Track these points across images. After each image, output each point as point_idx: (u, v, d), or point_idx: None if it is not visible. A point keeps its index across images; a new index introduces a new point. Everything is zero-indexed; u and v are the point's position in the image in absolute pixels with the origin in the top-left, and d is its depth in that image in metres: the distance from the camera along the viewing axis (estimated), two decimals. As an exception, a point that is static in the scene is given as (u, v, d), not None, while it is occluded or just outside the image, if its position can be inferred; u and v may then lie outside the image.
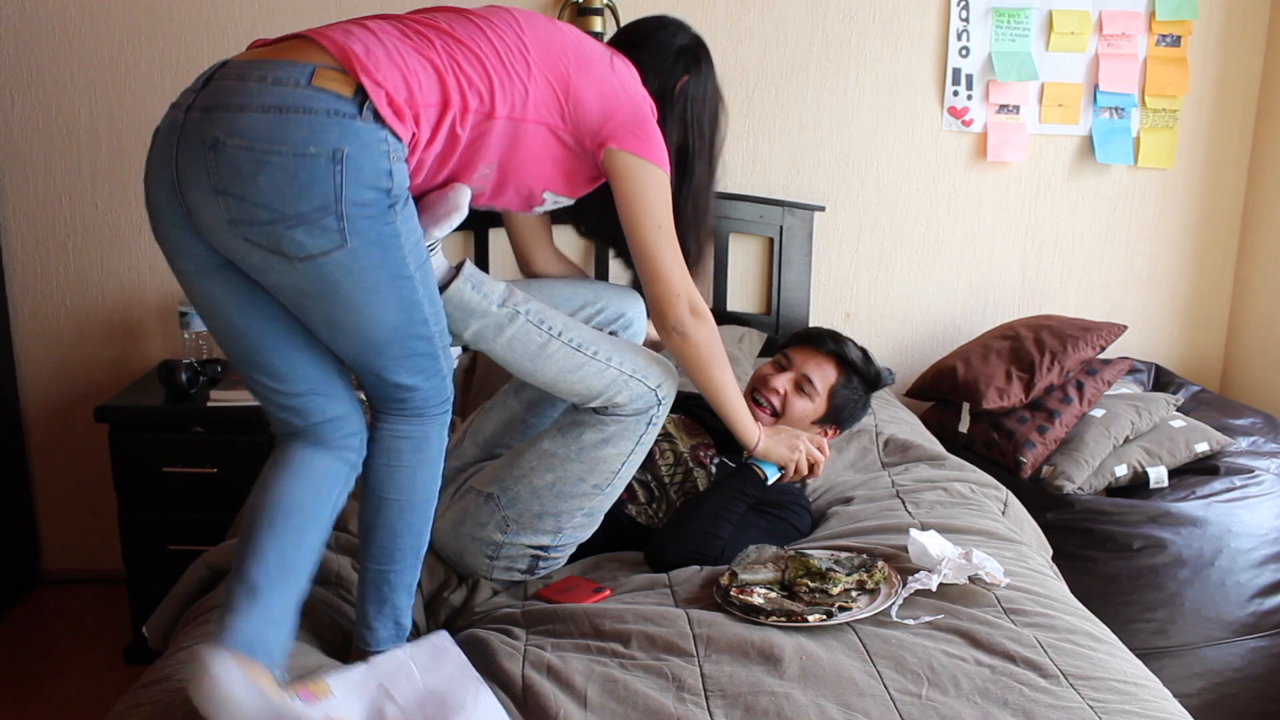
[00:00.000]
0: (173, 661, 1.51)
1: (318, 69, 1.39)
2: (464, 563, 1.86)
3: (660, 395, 1.79)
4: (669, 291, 1.71)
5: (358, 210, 1.37)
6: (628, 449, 1.80)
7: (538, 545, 1.82)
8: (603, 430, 1.78)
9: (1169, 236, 3.09)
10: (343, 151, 1.35)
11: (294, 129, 1.35)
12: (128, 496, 2.59)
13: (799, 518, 2.00)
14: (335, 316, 1.45)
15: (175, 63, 2.86)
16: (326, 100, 1.37)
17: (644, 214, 1.67)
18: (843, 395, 2.09)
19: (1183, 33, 2.94)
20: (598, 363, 1.73)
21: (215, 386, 2.60)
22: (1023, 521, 2.11)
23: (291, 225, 1.36)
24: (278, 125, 1.35)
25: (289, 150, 1.34)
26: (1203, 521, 2.37)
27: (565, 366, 1.71)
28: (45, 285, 2.98)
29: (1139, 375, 2.95)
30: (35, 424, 3.07)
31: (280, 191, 1.35)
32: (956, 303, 3.11)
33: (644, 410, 1.79)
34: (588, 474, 1.79)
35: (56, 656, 2.77)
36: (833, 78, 2.96)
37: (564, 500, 1.80)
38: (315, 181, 1.35)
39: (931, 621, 1.58)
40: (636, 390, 1.76)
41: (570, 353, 1.71)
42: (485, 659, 1.51)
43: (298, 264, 1.39)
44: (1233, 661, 2.42)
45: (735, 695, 1.39)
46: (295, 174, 1.34)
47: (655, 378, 1.78)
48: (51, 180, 2.92)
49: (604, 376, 1.74)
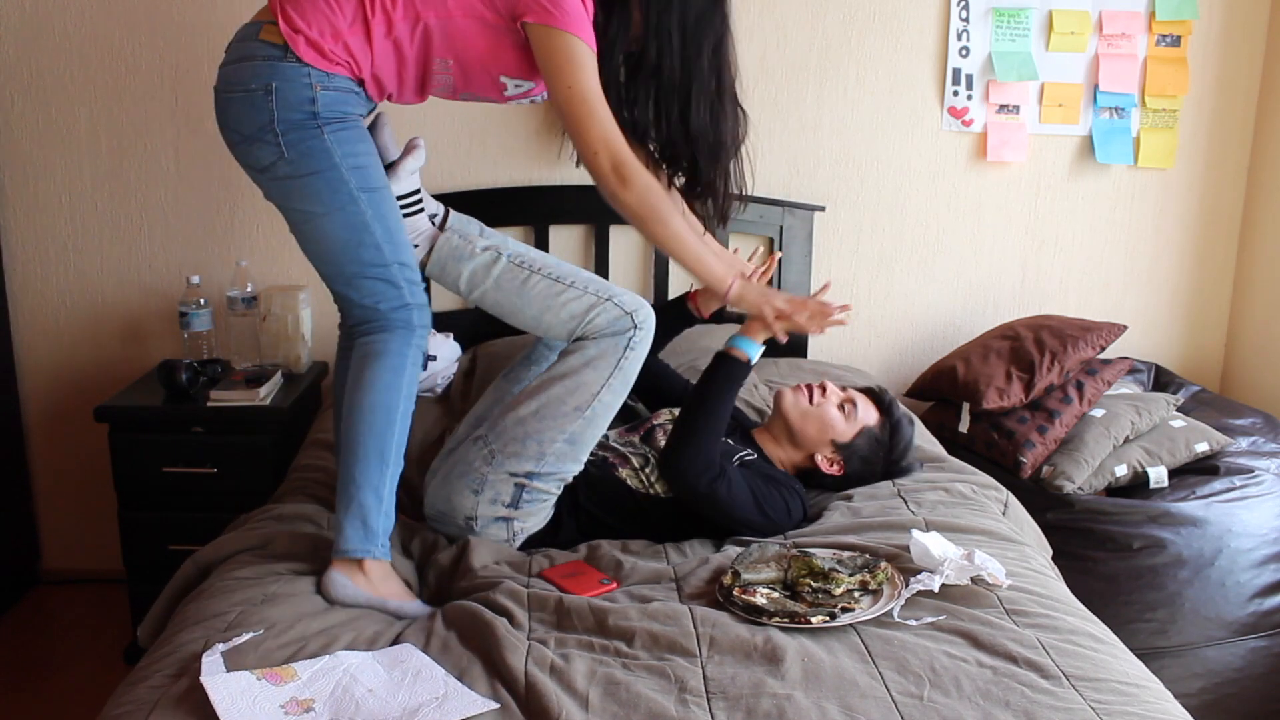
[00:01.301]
0: (159, 659, 1.51)
1: (264, 25, 1.80)
2: (451, 506, 1.92)
3: (636, 320, 1.93)
4: (586, 149, 1.84)
5: (287, 127, 1.77)
6: (607, 372, 1.91)
7: (521, 472, 1.90)
8: (583, 354, 1.92)
9: (1169, 236, 3.09)
10: (272, 85, 1.77)
11: (243, 74, 1.80)
12: (128, 496, 2.59)
13: (790, 499, 2.01)
14: (305, 229, 1.84)
15: (175, 63, 2.86)
16: (263, 49, 1.79)
17: (555, 80, 1.81)
18: (869, 437, 2.12)
19: (1183, 33, 2.94)
20: (575, 289, 1.92)
21: (215, 386, 2.60)
22: (1023, 522, 2.12)
23: (250, 143, 1.81)
24: (235, 73, 1.82)
25: (240, 89, 1.80)
26: (1203, 521, 2.37)
27: (547, 295, 1.91)
28: (45, 285, 2.98)
29: (1139, 375, 2.95)
30: (35, 424, 3.06)
31: (239, 118, 1.81)
32: (956, 303, 3.11)
33: (621, 332, 1.92)
34: (569, 395, 1.90)
35: (56, 656, 2.77)
36: (833, 78, 2.96)
37: (546, 421, 1.90)
38: (256, 109, 1.78)
39: (933, 622, 1.58)
40: (613, 313, 1.92)
41: (550, 283, 1.92)
42: (488, 647, 1.51)
43: (263, 177, 1.84)
44: (1233, 661, 2.42)
45: (737, 697, 1.40)
46: (244, 106, 1.79)
47: (631, 303, 1.94)
48: (51, 180, 2.92)
49: (583, 301, 1.91)
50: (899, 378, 3.10)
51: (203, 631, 1.56)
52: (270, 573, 1.77)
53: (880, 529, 1.90)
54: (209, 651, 1.46)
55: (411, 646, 1.54)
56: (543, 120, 2.91)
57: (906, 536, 1.77)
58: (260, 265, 2.96)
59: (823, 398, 2.14)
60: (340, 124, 1.80)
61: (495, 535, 1.93)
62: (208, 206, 2.94)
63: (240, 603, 1.65)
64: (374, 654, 1.51)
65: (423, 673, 1.45)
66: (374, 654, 1.51)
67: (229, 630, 1.56)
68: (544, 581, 1.78)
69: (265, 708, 1.35)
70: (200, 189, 2.93)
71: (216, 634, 1.55)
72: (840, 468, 2.12)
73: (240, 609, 1.63)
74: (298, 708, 1.36)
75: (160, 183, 2.93)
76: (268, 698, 1.36)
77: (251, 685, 1.38)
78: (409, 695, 1.40)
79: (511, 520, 1.92)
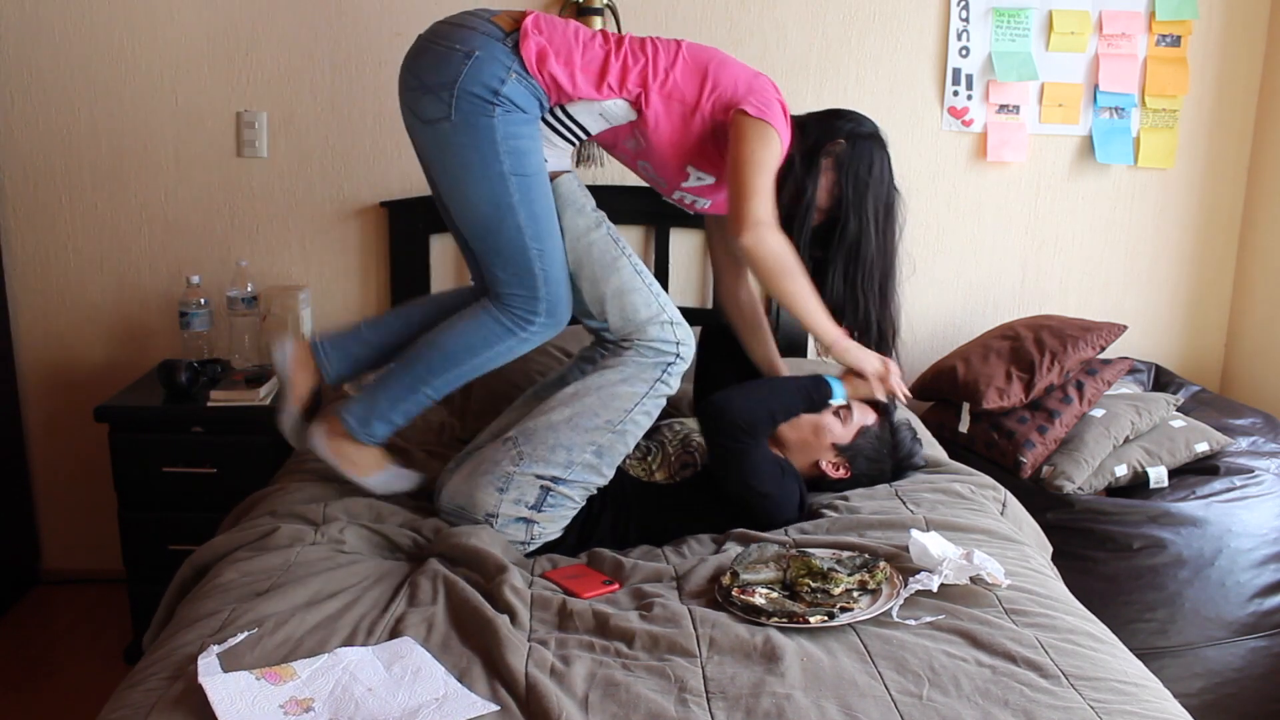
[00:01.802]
0: (155, 661, 1.51)
1: (501, 12, 1.96)
2: (473, 501, 1.94)
3: (680, 350, 1.99)
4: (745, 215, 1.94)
5: (465, 95, 1.87)
6: (642, 391, 1.97)
7: (548, 475, 1.93)
8: (622, 370, 1.97)
9: (1169, 236, 3.09)
10: (474, 53, 1.88)
11: (456, 34, 1.92)
12: (128, 496, 2.59)
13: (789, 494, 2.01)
14: (444, 185, 1.98)
15: (175, 63, 2.86)
16: (486, 25, 1.92)
17: (744, 157, 1.95)
18: (869, 437, 2.12)
19: (1183, 33, 2.94)
20: (650, 293, 2.00)
21: (215, 386, 2.60)
22: (1022, 522, 2.12)
23: (424, 92, 1.91)
24: (448, 31, 1.93)
25: (445, 45, 1.91)
26: (1203, 521, 2.37)
27: (625, 282, 1.98)
28: (45, 285, 2.98)
29: (1139, 375, 2.95)
30: (35, 424, 3.07)
31: (426, 68, 1.92)
32: (956, 303, 3.11)
33: (662, 356, 1.98)
34: (602, 409, 1.95)
35: (56, 656, 2.77)
36: (833, 78, 2.96)
37: (577, 432, 1.94)
38: (448, 66, 1.88)
39: (932, 622, 1.58)
40: (665, 335, 1.98)
41: (633, 274, 2.00)
42: (488, 646, 1.51)
43: (424, 126, 1.93)
44: (1233, 661, 2.42)
45: (737, 697, 1.40)
46: (439, 58, 1.90)
47: (683, 333, 2.00)
48: (51, 180, 2.92)
49: (650, 308, 1.98)
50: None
51: (197, 633, 1.56)
52: (262, 567, 1.77)
53: (879, 528, 1.90)
54: (204, 653, 1.46)
55: (411, 641, 1.53)
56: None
57: (905, 536, 1.77)
58: (260, 265, 2.96)
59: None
60: (518, 111, 1.90)
61: (514, 535, 1.94)
62: (208, 206, 2.94)
63: (233, 600, 1.65)
64: (373, 649, 1.51)
65: (422, 670, 1.45)
66: (373, 649, 1.51)
67: (223, 630, 1.55)
68: (547, 582, 1.78)
69: (264, 707, 1.35)
70: (200, 189, 2.94)
71: (211, 634, 1.54)
72: (846, 470, 2.11)
73: (233, 606, 1.63)
74: (297, 707, 1.36)
75: (160, 183, 2.93)
76: (267, 697, 1.36)
77: (250, 685, 1.38)
78: (409, 695, 1.40)
79: (533, 523, 1.94)
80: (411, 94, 1.95)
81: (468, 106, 1.87)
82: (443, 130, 1.90)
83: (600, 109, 2.00)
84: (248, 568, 1.78)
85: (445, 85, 1.87)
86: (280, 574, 1.74)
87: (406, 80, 1.96)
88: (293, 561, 1.79)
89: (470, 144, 1.88)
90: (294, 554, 1.81)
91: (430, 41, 1.94)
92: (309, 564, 1.79)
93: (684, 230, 2.97)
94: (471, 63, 1.87)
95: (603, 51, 1.97)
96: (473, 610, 1.61)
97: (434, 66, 1.90)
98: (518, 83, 1.89)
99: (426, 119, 1.92)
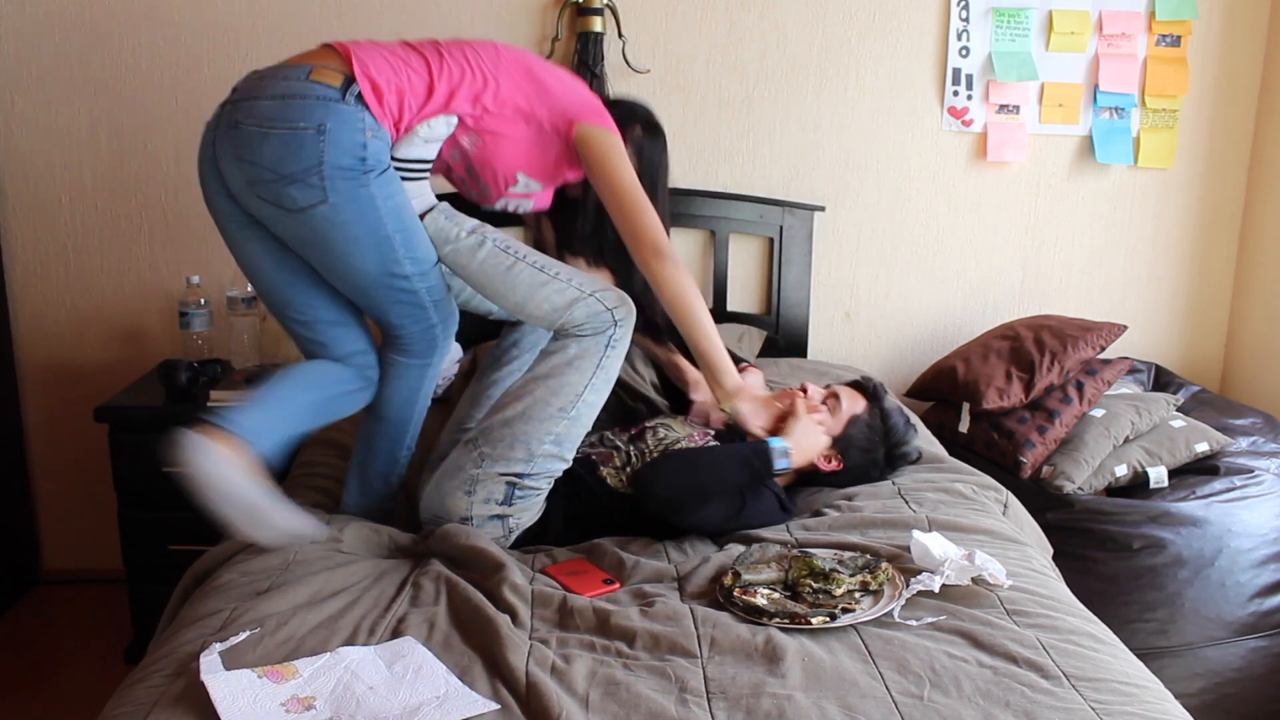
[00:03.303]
0: (157, 659, 1.52)
1: (314, 68, 1.80)
2: (445, 508, 1.95)
3: (616, 316, 1.95)
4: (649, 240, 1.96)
5: (336, 172, 1.76)
6: (589, 372, 1.95)
7: (511, 473, 1.93)
8: (564, 353, 1.95)
9: (1169, 236, 3.09)
10: (325, 125, 1.74)
11: (291, 110, 1.75)
12: (128, 496, 2.59)
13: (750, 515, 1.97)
14: (326, 262, 1.86)
15: (175, 63, 2.86)
16: (318, 89, 1.77)
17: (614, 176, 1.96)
18: (860, 425, 2.11)
19: (1183, 33, 2.94)
20: (559, 281, 1.94)
21: (215, 386, 2.60)
22: (1023, 522, 2.12)
23: (287, 184, 1.76)
24: (280, 108, 1.76)
25: (286, 126, 1.75)
26: (1203, 521, 2.37)
27: (531, 284, 1.93)
28: (45, 285, 2.98)
29: (1139, 375, 2.96)
30: (35, 424, 3.06)
31: (279, 157, 1.75)
32: (956, 303, 3.11)
33: (602, 330, 1.95)
34: (553, 396, 1.93)
35: (56, 656, 2.77)
36: (833, 78, 2.96)
37: (532, 423, 1.92)
38: (304, 149, 1.74)
39: (934, 623, 1.58)
40: (594, 308, 1.94)
41: (534, 272, 1.94)
42: (489, 645, 1.51)
43: (295, 215, 1.79)
44: (1233, 661, 2.42)
45: (737, 697, 1.40)
46: (289, 143, 1.74)
47: (612, 299, 1.96)
48: (51, 180, 2.92)
49: (566, 293, 1.93)
50: (899, 378, 3.10)
51: (198, 632, 1.56)
52: (262, 566, 1.78)
53: (882, 527, 1.90)
54: (206, 652, 1.46)
55: (412, 640, 1.54)
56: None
57: (908, 536, 1.77)
58: (260, 265, 2.96)
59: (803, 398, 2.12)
60: (383, 170, 1.83)
61: (491, 533, 1.94)
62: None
63: (234, 600, 1.66)
64: (375, 648, 1.51)
65: (424, 669, 1.45)
66: (375, 648, 1.51)
67: (224, 629, 1.56)
68: (547, 578, 1.79)
69: (266, 706, 1.35)
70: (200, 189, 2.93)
71: (213, 633, 1.55)
72: (839, 462, 2.11)
73: (234, 605, 1.63)
74: (298, 705, 1.36)
75: (160, 183, 2.93)
76: (268, 696, 1.36)
77: (252, 683, 1.38)
78: (410, 693, 1.40)
79: (506, 518, 1.94)
80: (268, 187, 1.78)
81: (343, 183, 1.76)
82: (321, 214, 1.78)
83: (427, 133, 1.91)
84: (247, 567, 1.78)
85: (311, 170, 1.74)
86: (280, 573, 1.74)
87: (251, 174, 1.78)
88: (292, 561, 1.79)
89: (356, 218, 1.79)
90: (293, 554, 1.82)
91: (265, 127, 1.76)
92: (308, 563, 1.79)
93: (684, 231, 2.97)
94: (328, 138, 1.74)
95: (424, 68, 1.89)
96: (474, 609, 1.61)
97: (287, 154, 1.75)
98: (374, 139, 1.80)
99: (298, 208, 1.78)
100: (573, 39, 2.87)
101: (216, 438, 1.74)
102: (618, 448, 2.10)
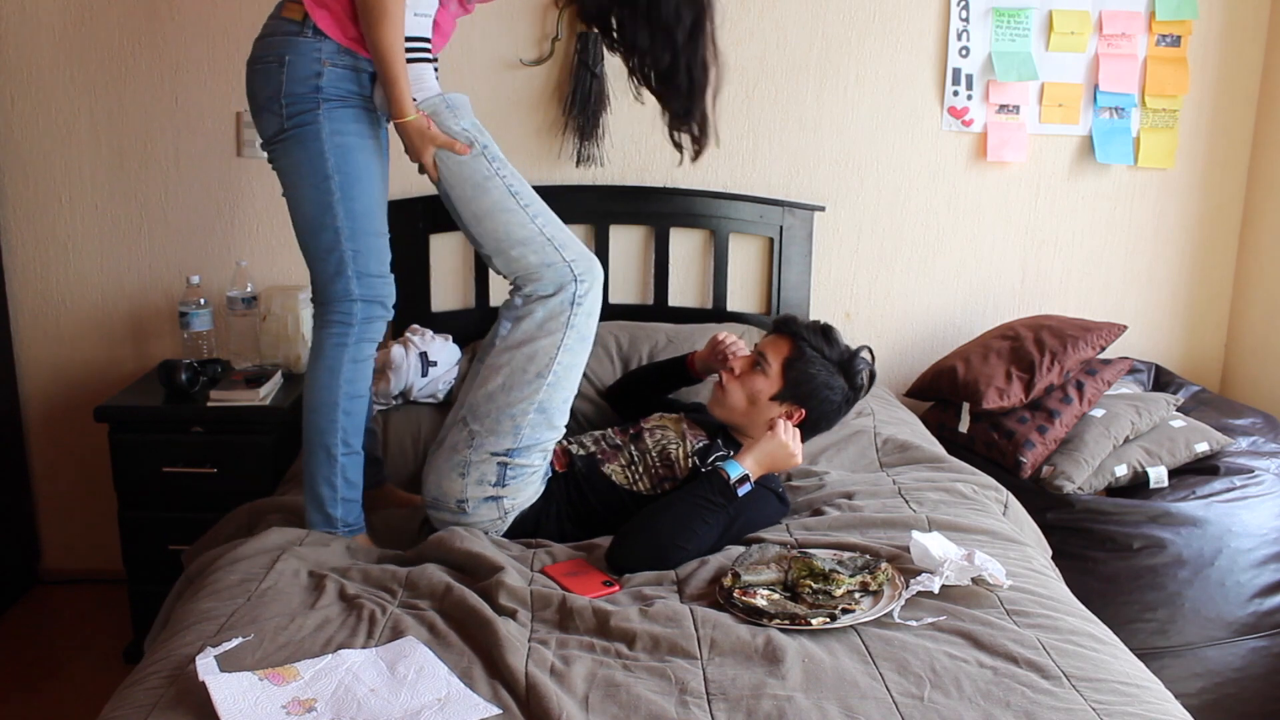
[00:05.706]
0: (155, 661, 1.52)
1: (284, 4, 1.91)
2: (442, 491, 1.96)
3: (576, 271, 1.94)
4: None
5: (292, 99, 1.87)
6: (560, 333, 1.94)
7: (502, 450, 1.93)
8: (533, 319, 1.94)
9: (1169, 236, 3.09)
10: (285, 58, 1.88)
11: (265, 47, 1.92)
12: (128, 496, 2.59)
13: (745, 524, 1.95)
14: (287, 198, 1.96)
15: (175, 63, 2.86)
16: (283, 25, 1.90)
17: None
18: (798, 368, 2.07)
19: (1183, 33, 2.94)
20: (525, 214, 1.94)
21: (215, 386, 2.60)
22: (1023, 522, 2.12)
23: (260, 113, 1.93)
24: (260, 47, 1.94)
25: (261, 63, 1.92)
26: (1203, 521, 2.37)
27: (496, 203, 1.93)
28: (45, 285, 2.98)
29: (1139, 375, 2.96)
30: (35, 424, 3.06)
31: (255, 90, 1.94)
32: (956, 303, 3.11)
33: (562, 286, 1.94)
34: (529, 364, 1.93)
35: (56, 656, 2.77)
36: (833, 78, 2.96)
37: (514, 393, 1.93)
38: (270, 80, 1.90)
39: (934, 623, 1.58)
40: (551, 258, 1.94)
41: (506, 195, 1.94)
42: (489, 646, 1.51)
43: (271, 150, 1.95)
44: (1233, 661, 2.42)
45: (738, 699, 1.40)
46: (262, 76, 1.92)
47: (572, 252, 1.96)
48: (51, 180, 2.92)
49: (526, 229, 1.94)
50: (899, 378, 3.10)
51: (196, 633, 1.56)
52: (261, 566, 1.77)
53: (881, 527, 1.90)
54: (202, 655, 1.46)
55: (414, 641, 1.54)
56: (543, 120, 2.91)
57: (907, 536, 1.77)
58: (260, 265, 2.96)
59: (732, 378, 2.12)
60: (340, 103, 1.90)
61: (487, 515, 1.95)
62: (208, 206, 2.94)
63: (231, 601, 1.65)
64: (376, 650, 1.51)
65: (425, 670, 1.46)
66: (376, 650, 1.51)
67: (222, 632, 1.55)
68: (546, 578, 1.78)
69: (267, 708, 1.35)
70: (200, 189, 2.93)
71: (210, 636, 1.54)
72: (801, 411, 2.07)
73: (231, 606, 1.63)
74: (299, 707, 1.37)
75: (160, 183, 2.93)
76: (269, 698, 1.36)
77: (253, 685, 1.38)
78: (411, 696, 1.40)
79: (501, 499, 1.95)
80: (256, 121, 1.96)
81: (296, 109, 1.88)
82: (285, 145, 1.91)
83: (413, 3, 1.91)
84: (245, 568, 1.78)
85: (273, 98, 1.89)
86: (274, 575, 1.74)
87: (249, 106, 1.97)
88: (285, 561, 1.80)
89: (302, 148, 1.89)
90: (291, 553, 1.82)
91: (252, 64, 1.95)
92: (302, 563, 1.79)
93: (684, 230, 2.97)
94: (286, 68, 1.87)
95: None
96: (472, 610, 1.61)
97: (260, 86, 1.92)
98: (333, 69, 1.88)
99: (270, 136, 1.93)
100: (573, 39, 2.87)
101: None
102: (618, 446, 2.10)
